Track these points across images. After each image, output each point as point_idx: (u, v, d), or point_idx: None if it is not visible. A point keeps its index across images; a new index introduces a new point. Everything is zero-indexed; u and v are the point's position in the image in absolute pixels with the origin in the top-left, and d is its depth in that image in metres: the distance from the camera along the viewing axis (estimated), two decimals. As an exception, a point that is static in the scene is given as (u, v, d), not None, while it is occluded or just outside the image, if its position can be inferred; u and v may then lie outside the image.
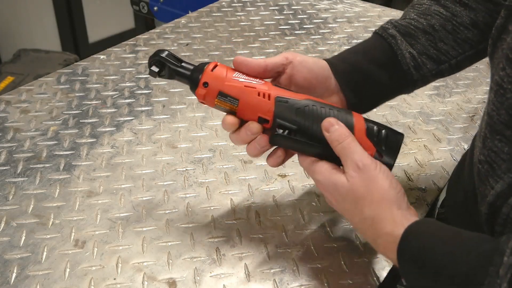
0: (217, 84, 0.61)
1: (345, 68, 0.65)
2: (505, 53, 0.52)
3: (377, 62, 0.65)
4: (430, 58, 0.66)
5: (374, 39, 0.68)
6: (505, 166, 0.51)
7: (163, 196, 0.75)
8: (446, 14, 0.66)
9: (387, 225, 0.54)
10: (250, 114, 0.61)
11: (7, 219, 0.70)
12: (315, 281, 0.62)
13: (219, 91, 0.61)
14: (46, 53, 2.44)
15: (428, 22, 0.66)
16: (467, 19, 0.66)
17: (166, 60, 0.63)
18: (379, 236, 0.55)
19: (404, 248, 0.52)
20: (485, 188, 0.54)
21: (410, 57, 0.65)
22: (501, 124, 0.52)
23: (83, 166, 0.80)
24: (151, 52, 1.16)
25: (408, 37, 0.66)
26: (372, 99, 0.68)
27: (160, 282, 0.62)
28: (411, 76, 0.66)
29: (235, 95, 0.61)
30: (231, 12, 1.36)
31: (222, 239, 0.68)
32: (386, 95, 0.69)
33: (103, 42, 3.01)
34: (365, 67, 0.65)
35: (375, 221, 0.55)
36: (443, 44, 0.66)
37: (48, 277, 0.62)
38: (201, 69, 0.62)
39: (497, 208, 0.52)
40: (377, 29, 0.69)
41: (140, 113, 0.94)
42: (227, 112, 0.62)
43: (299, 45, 1.20)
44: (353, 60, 0.66)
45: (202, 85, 0.61)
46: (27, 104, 0.96)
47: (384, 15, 1.36)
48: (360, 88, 0.66)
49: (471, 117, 0.96)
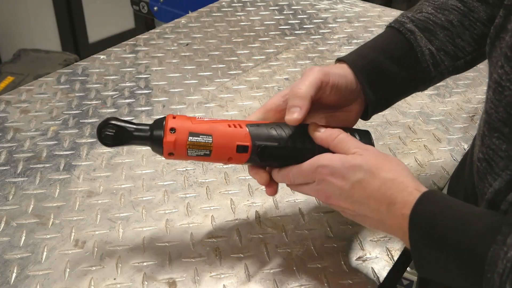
0: (185, 126, 0.58)
1: (366, 66, 0.64)
2: (503, 52, 0.52)
3: (396, 59, 0.64)
4: (447, 54, 0.65)
5: (392, 34, 0.67)
6: (503, 163, 0.51)
7: (163, 196, 0.75)
8: (463, 9, 0.66)
9: (409, 184, 0.53)
10: (228, 146, 0.58)
11: (7, 219, 0.70)
12: (315, 281, 0.62)
13: (189, 131, 0.57)
14: (46, 53, 2.44)
15: (446, 17, 0.66)
16: (484, 14, 0.66)
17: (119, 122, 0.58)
18: (395, 200, 0.53)
19: (417, 212, 0.51)
20: (484, 186, 0.54)
21: (429, 54, 0.64)
22: (499, 121, 0.52)
23: (83, 166, 0.80)
24: (151, 52, 1.17)
25: (426, 32, 0.65)
26: (389, 97, 0.67)
27: (160, 282, 0.62)
28: (429, 74, 0.65)
29: (207, 131, 0.58)
30: (231, 12, 1.36)
31: (222, 239, 0.68)
32: (403, 92, 0.68)
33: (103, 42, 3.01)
34: (385, 65, 0.64)
35: (397, 181, 0.53)
36: (461, 40, 0.65)
37: (48, 277, 0.62)
38: (161, 120, 0.58)
39: (495, 205, 0.52)
40: (393, 23, 0.67)
41: (140, 113, 0.94)
42: (200, 156, 0.59)
43: (299, 45, 1.20)
44: (372, 57, 0.65)
45: (169, 131, 0.57)
46: (27, 104, 0.96)
47: (384, 15, 1.36)
48: (379, 86, 0.65)
49: (471, 117, 0.96)
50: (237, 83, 1.04)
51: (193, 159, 0.60)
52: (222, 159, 0.60)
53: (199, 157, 0.59)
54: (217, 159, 0.60)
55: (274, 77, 1.07)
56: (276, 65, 1.11)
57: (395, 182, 0.54)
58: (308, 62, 1.13)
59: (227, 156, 0.59)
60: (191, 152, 0.58)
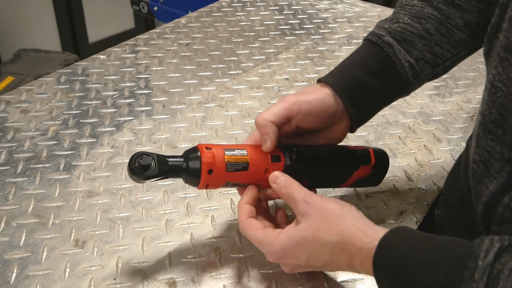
0: (216, 145, 0.60)
1: (347, 85, 0.64)
2: (497, 52, 0.52)
3: (377, 75, 0.64)
4: (427, 63, 0.65)
5: (370, 48, 0.66)
6: (498, 165, 0.51)
7: (163, 196, 0.75)
8: (440, 17, 0.66)
9: (357, 241, 0.51)
10: (262, 157, 0.60)
11: (7, 219, 0.70)
12: (315, 281, 0.62)
13: (224, 148, 0.59)
14: (46, 53, 2.44)
15: (423, 26, 0.65)
16: (461, 20, 0.65)
17: (152, 154, 0.57)
18: (353, 255, 0.52)
19: (379, 259, 0.49)
20: (480, 188, 0.54)
21: (409, 66, 0.64)
22: (493, 123, 0.52)
23: (83, 166, 0.80)
24: (151, 52, 1.17)
25: (404, 43, 0.65)
26: (371, 111, 0.68)
27: (160, 282, 0.62)
28: (409, 84, 0.66)
29: (238, 147, 0.60)
30: (231, 12, 1.36)
31: (222, 239, 0.68)
32: (384, 103, 0.69)
33: (103, 42, 3.01)
34: (365, 80, 0.64)
35: (343, 242, 0.52)
36: (439, 48, 0.65)
37: (48, 277, 0.62)
38: (193, 148, 0.59)
39: (492, 207, 0.52)
40: (370, 36, 0.67)
41: (140, 113, 0.94)
42: (239, 171, 0.59)
43: (299, 45, 1.20)
44: (352, 74, 0.65)
45: (205, 148, 0.58)
46: (27, 104, 0.96)
47: (384, 15, 1.35)
48: (361, 103, 0.65)
49: (471, 117, 0.96)
50: (237, 83, 1.04)
51: (231, 178, 0.59)
52: (260, 171, 0.60)
53: (237, 173, 0.59)
54: (255, 172, 0.60)
55: (274, 77, 1.07)
56: (276, 65, 1.11)
57: (342, 241, 0.52)
58: (308, 62, 1.13)
59: (264, 168, 0.60)
60: (230, 167, 0.58)
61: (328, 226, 0.53)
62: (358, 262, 0.52)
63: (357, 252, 0.51)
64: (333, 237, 0.53)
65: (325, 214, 0.54)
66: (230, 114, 0.95)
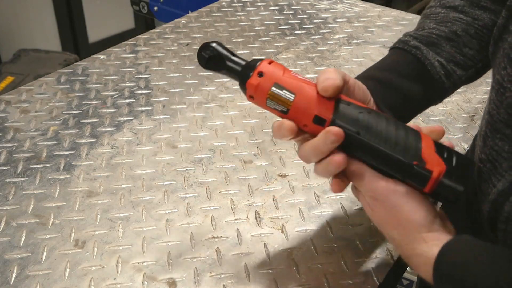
0: (274, 75, 0.55)
1: (375, 85, 0.60)
2: (506, 53, 0.52)
3: (406, 76, 0.62)
4: (457, 65, 0.63)
5: (396, 54, 0.64)
6: (506, 164, 0.51)
7: (163, 196, 0.75)
8: (466, 19, 0.64)
9: (416, 247, 0.51)
10: (306, 112, 0.54)
11: (7, 219, 0.70)
12: (315, 281, 0.62)
13: (275, 82, 0.55)
14: (46, 53, 2.44)
15: (450, 28, 0.64)
16: (489, 21, 0.64)
17: (220, 47, 0.58)
18: (411, 255, 0.52)
19: (439, 267, 0.48)
20: (487, 187, 0.54)
21: (440, 66, 0.62)
22: (501, 122, 0.52)
23: (83, 166, 0.80)
24: (151, 52, 1.17)
25: (432, 46, 0.63)
26: (405, 115, 0.63)
27: (160, 282, 0.62)
28: (442, 85, 0.63)
29: (292, 88, 0.54)
30: (231, 12, 1.36)
31: (222, 239, 0.68)
32: (419, 108, 0.65)
33: (103, 42, 3.02)
34: (395, 82, 0.61)
35: (403, 243, 0.52)
36: (468, 49, 0.63)
37: (48, 277, 0.62)
38: (256, 61, 0.57)
39: (499, 205, 0.52)
40: (396, 43, 0.65)
41: (140, 113, 0.94)
42: (277, 111, 0.55)
43: (299, 45, 1.20)
44: (380, 76, 0.61)
45: (257, 74, 0.55)
46: (27, 104, 0.96)
47: (384, 15, 1.36)
48: (394, 104, 0.61)
49: (471, 117, 0.96)
50: (237, 83, 1.04)
51: (270, 111, 0.57)
52: (298, 122, 0.55)
53: (276, 112, 0.56)
54: (292, 119, 0.55)
55: (274, 77, 1.07)
56: (276, 65, 1.11)
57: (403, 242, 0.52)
58: (308, 62, 1.13)
59: (303, 122, 0.55)
60: (270, 103, 0.56)
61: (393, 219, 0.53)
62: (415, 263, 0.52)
63: (415, 256, 0.51)
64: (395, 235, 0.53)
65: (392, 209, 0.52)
66: (230, 114, 0.95)
